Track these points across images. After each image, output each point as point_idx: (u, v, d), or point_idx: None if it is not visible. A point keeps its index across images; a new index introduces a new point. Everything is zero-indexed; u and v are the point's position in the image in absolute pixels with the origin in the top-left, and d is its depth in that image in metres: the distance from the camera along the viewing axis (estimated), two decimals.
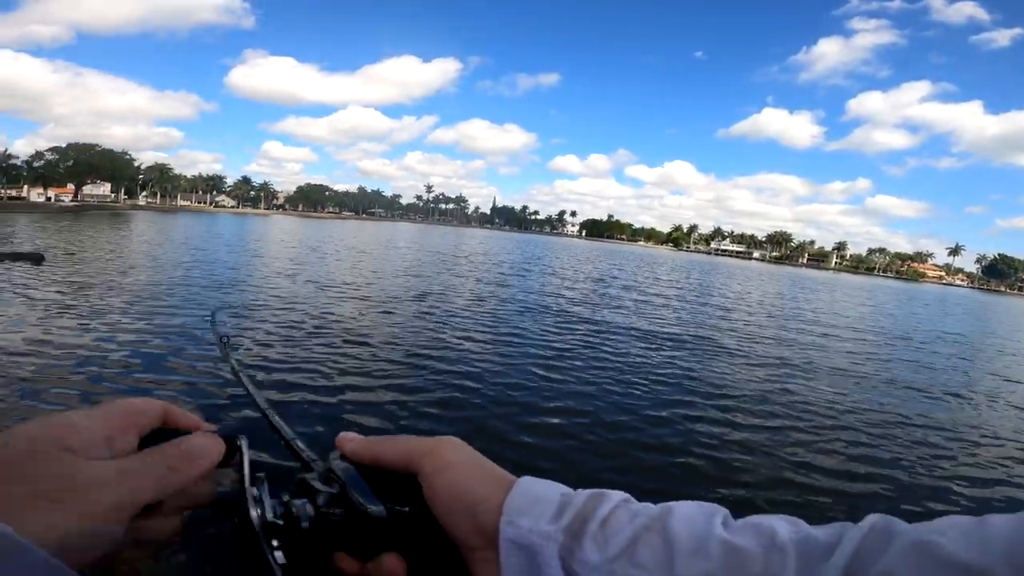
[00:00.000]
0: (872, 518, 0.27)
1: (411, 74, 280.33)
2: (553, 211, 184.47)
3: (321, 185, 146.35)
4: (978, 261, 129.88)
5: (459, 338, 7.49)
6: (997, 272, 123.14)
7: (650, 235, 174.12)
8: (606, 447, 4.30)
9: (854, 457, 4.72)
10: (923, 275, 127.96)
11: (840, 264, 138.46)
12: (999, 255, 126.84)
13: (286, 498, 0.35)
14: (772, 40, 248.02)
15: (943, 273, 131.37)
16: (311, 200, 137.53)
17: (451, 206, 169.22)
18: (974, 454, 5.27)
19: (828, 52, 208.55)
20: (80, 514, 0.26)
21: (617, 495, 0.33)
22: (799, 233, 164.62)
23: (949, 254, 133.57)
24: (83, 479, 0.27)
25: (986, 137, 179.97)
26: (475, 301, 11.24)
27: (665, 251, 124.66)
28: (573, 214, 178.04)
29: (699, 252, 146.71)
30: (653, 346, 8.45)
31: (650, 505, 0.33)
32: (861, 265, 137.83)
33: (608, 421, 4.81)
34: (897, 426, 5.78)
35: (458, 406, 4.85)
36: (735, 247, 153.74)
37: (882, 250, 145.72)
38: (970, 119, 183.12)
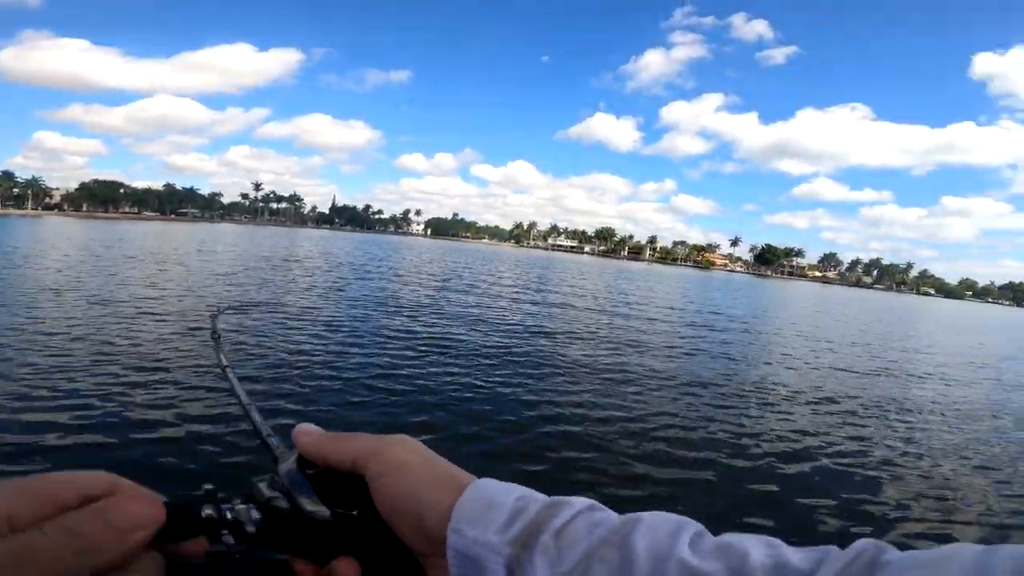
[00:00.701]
0: (860, 544, 0.25)
1: (242, 63, 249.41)
2: (398, 210, 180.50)
3: (114, 182, 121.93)
4: (751, 250, 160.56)
5: (292, 353, 6.70)
6: (765, 260, 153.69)
7: (494, 233, 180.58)
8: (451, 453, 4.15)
9: (667, 424, 5.32)
10: (713, 263, 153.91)
11: (652, 256, 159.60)
12: (766, 245, 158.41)
13: (236, 503, 0.33)
14: (611, 48, 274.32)
15: (727, 261, 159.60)
16: (100, 199, 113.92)
17: (284, 205, 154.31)
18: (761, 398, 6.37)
19: (652, 62, 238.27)
20: None
21: (580, 502, 0.31)
22: (621, 228, 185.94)
23: (731, 245, 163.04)
24: None
25: (758, 145, 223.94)
26: (309, 309, 10.25)
27: (508, 248, 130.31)
28: (418, 213, 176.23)
29: (538, 248, 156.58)
30: (495, 341, 8.61)
31: (614, 515, 0.30)
32: (668, 256, 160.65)
33: (458, 427, 4.69)
34: (700, 386, 6.72)
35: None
36: (569, 243, 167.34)
37: (683, 243, 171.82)
38: (748, 129, 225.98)
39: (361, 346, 7.42)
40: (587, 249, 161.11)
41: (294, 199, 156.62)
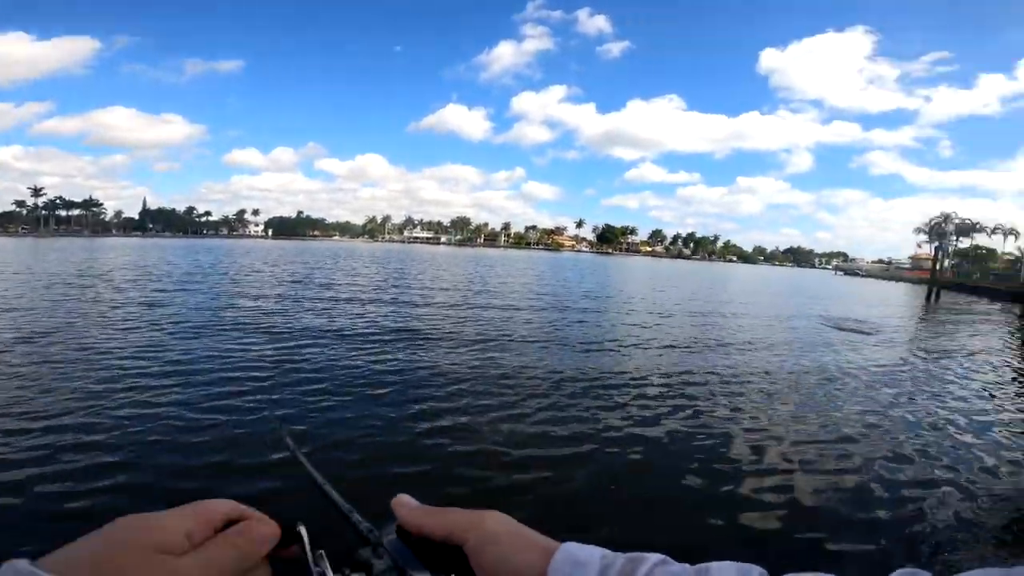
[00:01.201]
0: (900, 572, 0.29)
1: (13, 53, 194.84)
2: (231, 210, 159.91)
3: None
4: (594, 231, 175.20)
5: (98, 388, 5.38)
6: (606, 239, 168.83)
7: (345, 229, 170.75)
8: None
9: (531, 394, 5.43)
10: (562, 245, 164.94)
11: (507, 242, 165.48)
12: (606, 225, 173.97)
13: (347, 571, 0.38)
14: (465, 39, 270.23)
15: (574, 242, 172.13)
16: None
17: (78, 212, 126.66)
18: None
19: (504, 54, 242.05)
20: None
21: (654, 557, 0.34)
22: (476, 217, 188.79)
23: (576, 227, 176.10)
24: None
25: (596, 133, 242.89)
26: (114, 335, 8.44)
27: (362, 244, 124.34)
28: (256, 212, 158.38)
29: (394, 241, 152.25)
30: (357, 344, 8.01)
31: (687, 566, 0.34)
32: (522, 241, 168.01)
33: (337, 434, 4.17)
34: (563, 364, 7.03)
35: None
36: (425, 234, 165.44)
37: (534, 227, 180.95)
38: (587, 118, 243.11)
39: (190, 374, 6.29)
40: (444, 239, 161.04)
41: (90, 204, 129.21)
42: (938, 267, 38.87)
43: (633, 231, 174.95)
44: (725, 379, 7.06)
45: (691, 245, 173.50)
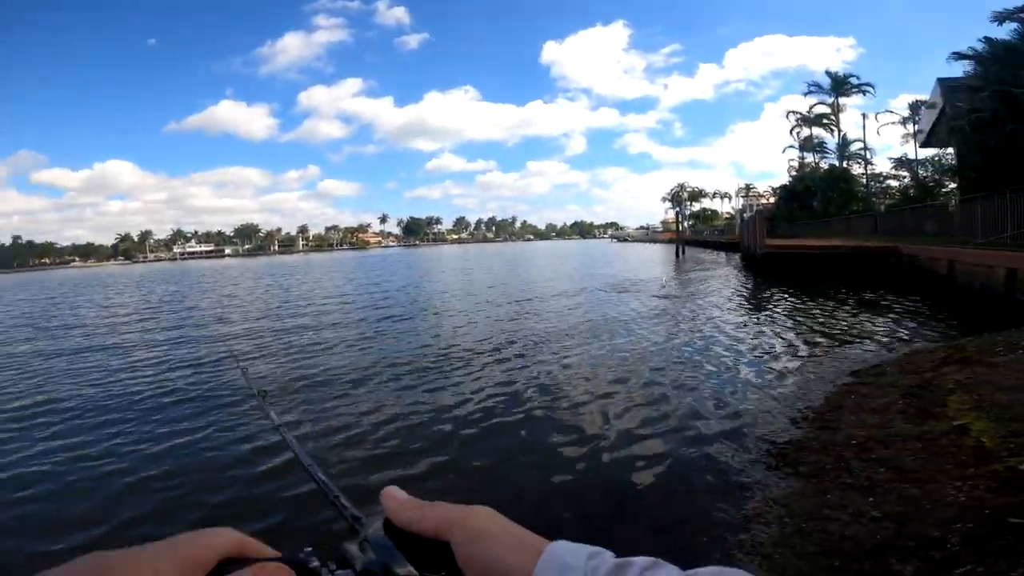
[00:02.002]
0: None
1: None
2: None
3: None
4: (399, 224, 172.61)
5: None
6: (412, 231, 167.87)
7: (87, 252, 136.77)
8: None
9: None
10: (368, 242, 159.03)
11: (307, 245, 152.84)
12: (410, 218, 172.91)
13: (332, 566, 0.37)
14: (240, 30, 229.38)
15: (380, 238, 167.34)
16: None
17: None
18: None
19: (291, 46, 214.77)
20: None
21: (644, 560, 0.33)
22: (266, 222, 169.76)
23: (380, 222, 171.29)
24: None
25: (395, 126, 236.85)
26: None
27: (114, 267, 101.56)
28: None
29: (161, 260, 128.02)
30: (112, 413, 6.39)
31: (678, 570, 0.33)
32: (323, 243, 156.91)
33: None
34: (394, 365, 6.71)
35: None
36: (203, 247, 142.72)
37: (335, 227, 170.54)
38: (385, 111, 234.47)
39: None
40: (229, 251, 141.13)
41: None
42: (680, 228, 48.10)
43: (438, 221, 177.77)
44: (546, 334, 7.60)
45: (493, 228, 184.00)
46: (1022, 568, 1.81)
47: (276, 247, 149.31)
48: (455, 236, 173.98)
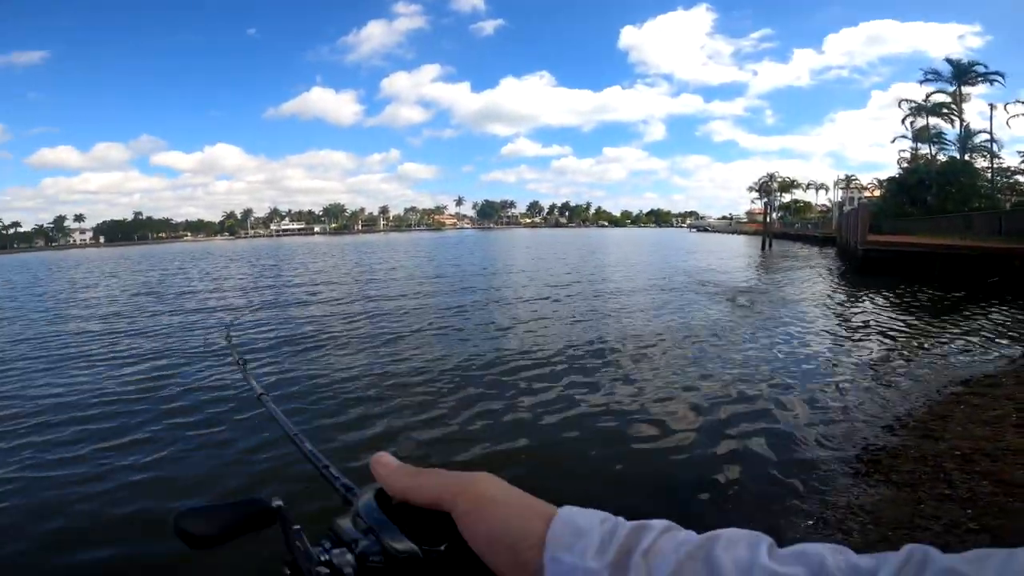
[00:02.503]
0: (909, 547, 0.28)
1: None
2: (47, 218, 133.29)
3: None
4: (474, 207, 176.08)
5: None
6: (487, 214, 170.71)
7: (198, 227, 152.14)
8: None
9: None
10: (444, 224, 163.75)
11: (387, 225, 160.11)
12: (485, 201, 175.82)
13: (327, 545, 0.36)
14: (327, 19, 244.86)
15: (456, 220, 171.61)
16: None
17: None
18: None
19: (374, 34, 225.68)
20: None
21: (660, 523, 0.33)
22: (351, 203, 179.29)
23: (456, 204, 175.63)
24: None
25: (471, 111, 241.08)
26: None
27: (221, 242, 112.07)
28: (80, 218, 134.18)
29: (260, 236, 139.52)
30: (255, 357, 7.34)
31: (693, 533, 0.32)
32: (402, 223, 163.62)
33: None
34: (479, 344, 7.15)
35: None
36: (296, 225, 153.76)
37: (414, 208, 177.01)
38: (462, 96, 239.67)
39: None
40: (318, 229, 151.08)
41: None
42: (767, 219, 45.27)
43: (512, 204, 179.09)
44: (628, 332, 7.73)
45: (567, 214, 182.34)
46: None
47: (360, 226, 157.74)
48: (528, 220, 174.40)
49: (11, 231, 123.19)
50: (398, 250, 41.03)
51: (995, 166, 33.52)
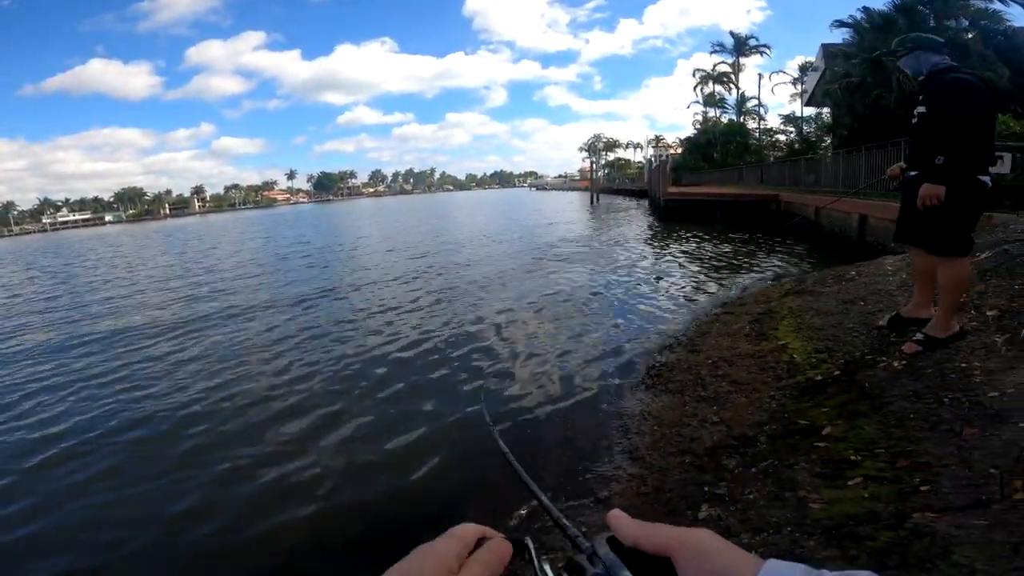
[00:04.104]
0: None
1: None
2: None
3: None
4: (309, 180, 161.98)
5: None
6: (324, 186, 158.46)
7: None
8: None
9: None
10: (275, 200, 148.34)
11: (203, 207, 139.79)
12: (322, 173, 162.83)
13: (560, 568, 0.42)
14: None
15: (289, 195, 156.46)
16: None
17: None
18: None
19: (176, 1, 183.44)
20: None
21: (865, 574, 0.34)
22: (152, 185, 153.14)
23: (288, 179, 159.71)
24: None
25: (302, 80, 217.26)
26: None
27: None
28: None
29: (28, 232, 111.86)
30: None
31: None
32: (223, 203, 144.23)
33: None
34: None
35: None
36: (79, 216, 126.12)
37: (236, 186, 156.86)
38: (291, 65, 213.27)
39: None
40: (110, 218, 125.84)
41: None
42: (594, 177, 49.63)
43: (352, 175, 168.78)
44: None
45: (411, 181, 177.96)
46: (803, 460, 2.47)
47: (167, 210, 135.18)
48: (371, 190, 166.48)
49: None
50: (213, 235, 36.21)
51: (761, 127, 41.38)
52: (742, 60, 42.39)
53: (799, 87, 39.07)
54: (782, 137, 37.25)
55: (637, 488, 2.87)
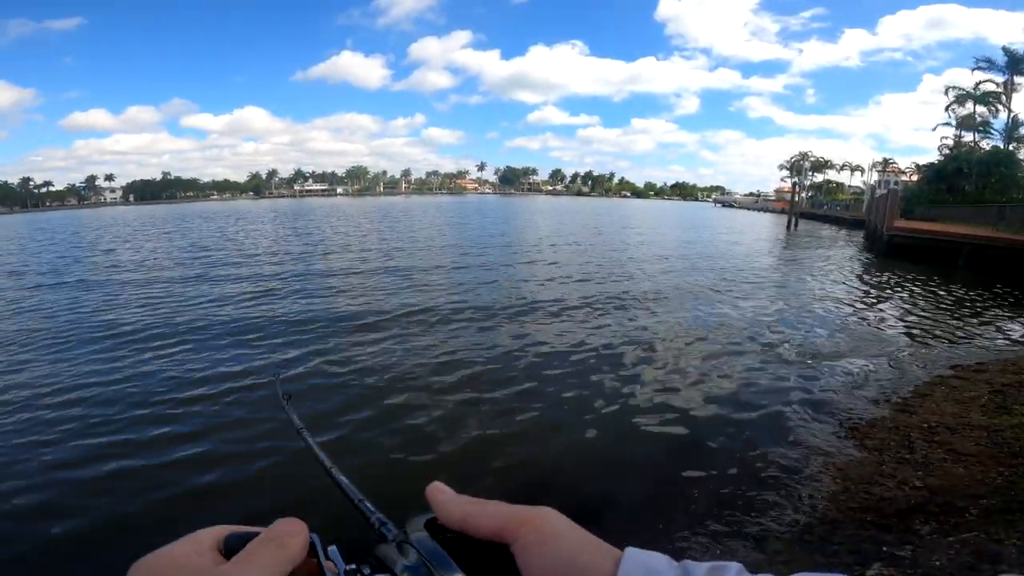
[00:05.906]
0: None
1: None
2: (78, 177, 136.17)
3: None
4: (496, 173, 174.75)
5: None
6: (508, 180, 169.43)
7: (224, 187, 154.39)
8: None
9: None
10: (465, 188, 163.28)
11: (408, 188, 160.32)
12: (507, 167, 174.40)
13: (367, 571, 0.35)
14: None
15: (477, 185, 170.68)
16: None
17: None
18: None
19: None
20: None
21: (734, 566, 0.31)
22: (374, 165, 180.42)
23: (478, 170, 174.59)
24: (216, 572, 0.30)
25: (500, 78, 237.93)
26: None
27: (246, 202, 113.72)
28: (110, 177, 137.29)
29: (283, 196, 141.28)
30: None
31: None
32: (424, 187, 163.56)
33: None
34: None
35: None
36: (319, 187, 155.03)
37: (436, 172, 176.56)
38: (491, 64, 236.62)
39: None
40: (340, 191, 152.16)
41: None
42: (796, 199, 44.32)
43: (534, 171, 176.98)
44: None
45: (589, 183, 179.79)
46: (1016, 537, 2.30)
47: (381, 188, 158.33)
48: (549, 188, 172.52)
49: (43, 190, 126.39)
50: (428, 215, 41.36)
51: None
52: (1017, 79, 33.71)
53: None
54: None
55: (800, 535, 2.78)
